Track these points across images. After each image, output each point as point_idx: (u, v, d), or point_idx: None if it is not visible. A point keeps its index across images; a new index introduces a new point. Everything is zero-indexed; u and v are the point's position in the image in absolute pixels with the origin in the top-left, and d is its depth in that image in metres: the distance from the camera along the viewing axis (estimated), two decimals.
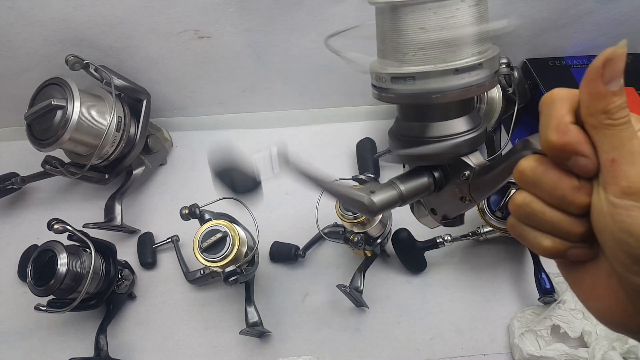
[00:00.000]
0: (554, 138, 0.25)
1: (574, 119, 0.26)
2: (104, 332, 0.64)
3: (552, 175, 0.26)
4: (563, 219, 0.27)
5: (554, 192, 0.27)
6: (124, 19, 0.70)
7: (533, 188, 0.28)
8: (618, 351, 0.56)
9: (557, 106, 0.26)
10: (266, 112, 0.87)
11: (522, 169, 0.28)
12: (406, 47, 0.33)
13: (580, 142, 0.25)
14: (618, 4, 0.73)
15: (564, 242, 0.28)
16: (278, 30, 0.73)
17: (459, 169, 0.35)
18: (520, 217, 0.29)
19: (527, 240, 0.29)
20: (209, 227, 0.59)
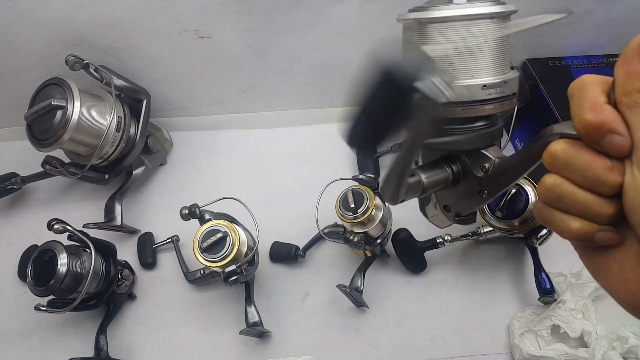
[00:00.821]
0: (590, 117, 0.26)
1: (607, 100, 0.26)
2: (104, 332, 0.64)
3: (585, 155, 0.27)
4: (594, 200, 0.27)
5: (586, 172, 0.27)
6: (124, 19, 0.70)
7: (564, 170, 0.28)
8: (618, 351, 0.56)
9: (589, 88, 0.27)
10: (266, 112, 0.87)
11: (554, 151, 0.28)
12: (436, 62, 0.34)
13: (615, 120, 0.25)
14: (618, 4, 0.73)
15: (592, 225, 0.28)
16: (278, 30, 0.73)
17: (477, 162, 0.36)
18: (549, 199, 0.29)
19: (555, 224, 0.29)
20: (209, 227, 0.59)
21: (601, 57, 0.79)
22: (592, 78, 0.27)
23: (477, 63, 0.34)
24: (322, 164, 0.81)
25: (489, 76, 0.35)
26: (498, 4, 0.35)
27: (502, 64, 0.36)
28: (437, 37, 0.34)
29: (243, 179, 0.81)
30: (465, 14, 0.34)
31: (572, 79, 0.77)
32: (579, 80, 0.27)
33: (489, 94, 0.35)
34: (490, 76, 0.35)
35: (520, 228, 0.63)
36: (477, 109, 0.35)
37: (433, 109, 0.27)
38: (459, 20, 0.34)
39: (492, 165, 0.35)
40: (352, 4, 0.70)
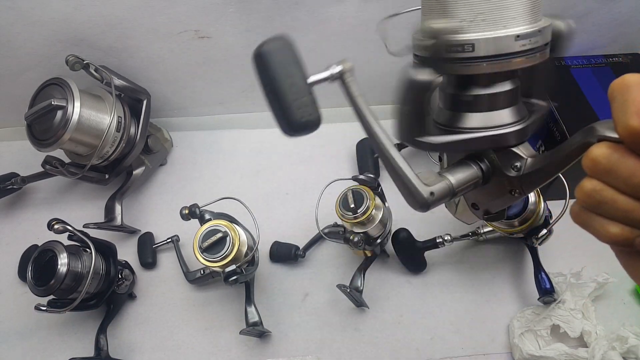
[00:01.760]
0: (636, 123, 0.24)
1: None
2: (104, 332, 0.64)
3: (629, 162, 0.26)
4: (636, 206, 0.27)
5: (630, 179, 0.26)
6: (124, 19, 0.70)
7: (606, 176, 0.27)
8: (618, 351, 0.56)
9: (633, 91, 0.25)
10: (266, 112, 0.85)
11: (595, 157, 0.27)
12: (465, 12, 0.31)
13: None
14: (618, 4, 0.73)
15: (633, 230, 0.27)
16: (278, 31, 0.72)
17: (508, 161, 0.34)
18: (589, 205, 0.28)
19: (593, 228, 0.29)
20: (209, 227, 0.59)
21: (601, 57, 0.79)
22: (635, 79, 0.26)
23: (508, 12, 0.31)
24: (322, 164, 0.81)
25: (522, 25, 0.31)
26: None
27: (535, 9, 0.32)
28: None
29: (243, 179, 0.82)
30: None
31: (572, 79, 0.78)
32: (620, 80, 0.26)
33: (523, 45, 0.31)
34: (524, 25, 0.31)
35: (520, 228, 0.63)
36: (511, 62, 0.31)
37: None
38: None
39: (525, 165, 0.34)
40: (352, 4, 0.70)
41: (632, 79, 0.26)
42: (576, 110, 0.70)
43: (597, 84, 0.75)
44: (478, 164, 0.35)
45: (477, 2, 0.30)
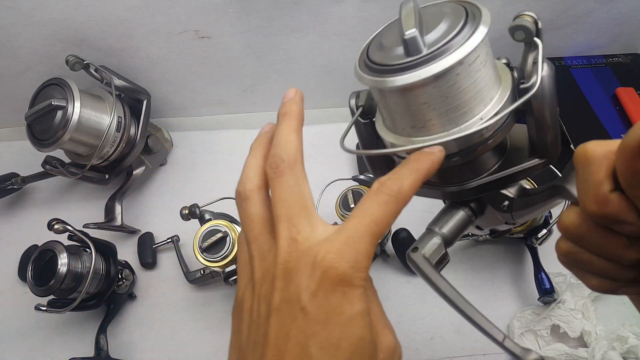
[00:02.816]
0: (594, 209, 0.24)
1: (612, 186, 0.23)
2: (104, 332, 0.64)
3: (597, 234, 0.25)
4: (612, 267, 0.26)
5: (601, 249, 0.26)
6: (124, 20, 0.70)
7: (579, 242, 0.26)
8: (618, 351, 0.56)
9: (593, 171, 0.24)
10: (266, 112, 0.87)
11: (566, 226, 0.26)
12: (414, 121, 0.30)
13: (622, 212, 0.23)
14: (618, 4, 0.73)
15: (613, 283, 0.27)
16: (278, 31, 0.73)
17: (497, 201, 0.34)
18: (566, 262, 0.28)
19: (577, 276, 0.29)
20: (209, 227, 0.59)
21: (601, 57, 0.79)
22: (597, 153, 0.24)
23: (459, 111, 0.29)
24: (322, 164, 0.81)
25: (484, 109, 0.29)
26: (466, 29, 0.28)
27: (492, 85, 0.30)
28: (410, 100, 0.29)
29: None
30: (437, 72, 0.27)
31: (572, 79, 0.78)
32: (582, 152, 0.24)
33: (490, 130, 0.30)
34: (485, 108, 0.29)
35: (520, 228, 0.63)
36: (480, 149, 0.30)
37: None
38: (424, 85, 0.27)
39: (513, 203, 0.33)
40: (352, 4, 0.70)
41: (593, 153, 0.24)
42: (576, 111, 0.70)
43: (597, 84, 0.75)
44: (468, 204, 0.35)
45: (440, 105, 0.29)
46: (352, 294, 0.25)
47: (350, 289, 0.25)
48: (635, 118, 0.70)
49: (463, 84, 0.28)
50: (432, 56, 0.27)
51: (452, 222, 0.34)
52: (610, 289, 0.27)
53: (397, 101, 0.30)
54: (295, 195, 0.28)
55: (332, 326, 0.24)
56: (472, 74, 0.28)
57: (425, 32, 0.27)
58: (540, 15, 0.29)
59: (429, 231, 0.34)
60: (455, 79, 0.27)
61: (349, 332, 0.24)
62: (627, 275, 0.26)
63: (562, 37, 0.78)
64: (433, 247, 0.33)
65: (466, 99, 0.28)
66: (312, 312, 0.24)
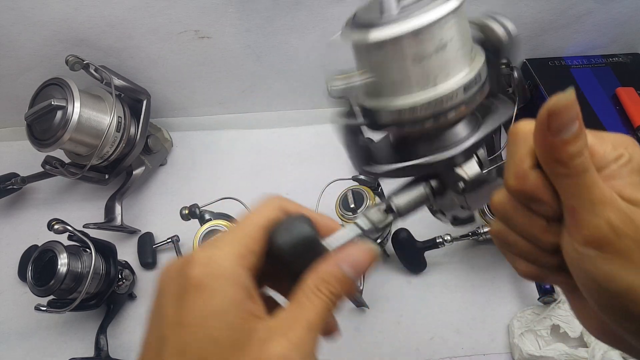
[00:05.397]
0: (512, 183, 0.25)
1: (533, 163, 0.24)
2: (104, 332, 0.64)
3: (520, 214, 0.26)
4: (536, 251, 0.27)
5: (524, 230, 0.26)
6: (124, 20, 0.70)
7: (506, 222, 0.27)
8: (618, 351, 0.56)
9: (518, 146, 0.25)
10: (266, 112, 0.87)
11: (494, 204, 0.27)
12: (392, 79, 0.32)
13: (538, 189, 0.24)
14: (618, 4, 0.73)
15: (539, 269, 0.27)
16: (278, 31, 0.73)
17: (452, 181, 0.34)
18: (497, 243, 0.29)
19: (508, 260, 0.30)
20: (209, 227, 0.59)
21: (601, 57, 0.79)
22: (524, 130, 0.25)
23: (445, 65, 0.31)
24: (322, 164, 0.81)
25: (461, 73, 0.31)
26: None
27: (467, 52, 0.32)
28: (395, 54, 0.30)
29: (243, 179, 0.81)
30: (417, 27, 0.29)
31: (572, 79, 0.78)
32: (514, 129, 0.25)
33: (464, 95, 0.31)
34: (462, 72, 0.31)
35: None
36: (451, 114, 0.31)
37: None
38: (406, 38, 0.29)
39: (467, 184, 0.34)
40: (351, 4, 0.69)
41: (521, 130, 0.25)
42: None
43: (597, 84, 0.75)
44: (429, 183, 0.35)
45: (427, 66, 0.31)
46: None
47: None
48: (635, 118, 0.70)
49: (430, 47, 0.30)
50: (403, 16, 0.29)
51: (407, 197, 0.35)
52: (537, 275, 0.28)
53: (376, 58, 0.32)
54: None
55: None
56: (437, 40, 0.30)
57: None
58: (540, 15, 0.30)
59: (387, 199, 0.35)
60: (425, 38, 0.30)
61: None
62: (550, 261, 0.26)
63: (562, 37, 0.78)
64: (377, 212, 0.34)
65: (439, 62, 0.30)
66: None
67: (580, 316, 0.29)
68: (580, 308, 0.28)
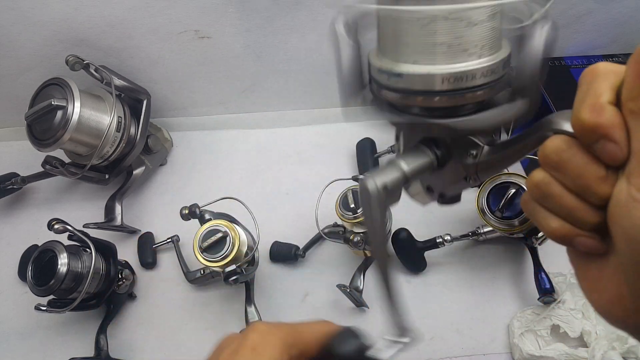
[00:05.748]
0: (586, 116, 0.23)
1: (613, 99, 0.23)
2: (104, 332, 0.64)
3: (579, 161, 0.24)
4: (580, 206, 0.25)
5: (577, 179, 0.25)
6: (124, 20, 0.70)
7: (556, 171, 0.26)
8: (618, 351, 0.56)
9: (597, 82, 0.23)
10: (266, 112, 0.87)
11: (548, 151, 0.26)
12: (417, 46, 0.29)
13: (613, 126, 0.23)
14: (618, 4, 0.73)
15: (573, 228, 0.26)
16: (278, 31, 0.73)
17: (464, 147, 0.33)
18: (535, 195, 0.28)
19: (537, 220, 0.28)
20: (209, 227, 0.59)
21: (601, 58, 0.79)
22: (607, 68, 0.24)
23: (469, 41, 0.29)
24: (322, 164, 0.81)
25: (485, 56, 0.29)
26: None
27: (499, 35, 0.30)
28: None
29: (243, 179, 0.81)
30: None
31: (572, 79, 0.78)
32: (591, 68, 0.24)
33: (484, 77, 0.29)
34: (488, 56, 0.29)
35: (520, 228, 0.63)
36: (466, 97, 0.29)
37: None
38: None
39: (481, 153, 0.32)
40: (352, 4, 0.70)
41: (602, 68, 0.24)
42: None
43: None
44: (433, 149, 0.34)
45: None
46: None
47: None
48: None
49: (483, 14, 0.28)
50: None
51: (416, 163, 0.33)
52: (568, 235, 0.27)
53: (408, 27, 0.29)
54: None
55: None
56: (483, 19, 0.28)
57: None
58: None
59: (394, 164, 0.33)
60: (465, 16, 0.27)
61: None
62: (591, 218, 0.25)
63: (562, 37, 0.78)
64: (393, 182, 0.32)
65: (488, 33, 0.28)
66: None
67: (594, 288, 0.28)
68: (597, 279, 0.27)
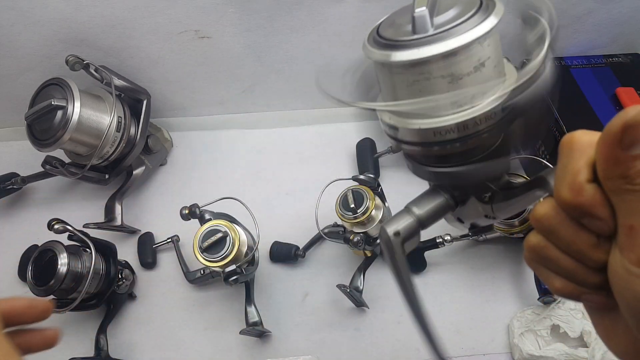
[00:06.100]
0: (567, 196, 0.23)
1: (591, 176, 0.23)
2: (104, 332, 0.64)
3: (568, 228, 0.25)
4: (579, 269, 0.25)
5: (569, 246, 0.25)
6: (124, 19, 0.70)
7: (549, 236, 0.26)
8: None
9: (574, 158, 0.23)
10: (266, 112, 0.87)
11: (538, 216, 0.25)
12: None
13: (595, 205, 0.23)
14: (618, 4, 0.73)
15: (577, 287, 0.26)
16: (278, 31, 0.73)
17: (480, 189, 0.33)
18: (533, 258, 0.28)
19: (541, 277, 0.28)
20: (209, 227, 0.59)
21: (601, 58, 0.79)
22: (582, 141, 0.24)
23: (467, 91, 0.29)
24: (322, 164, 0.81)
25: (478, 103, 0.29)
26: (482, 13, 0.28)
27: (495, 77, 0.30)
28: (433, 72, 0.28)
29: (243, 179, 0.82)
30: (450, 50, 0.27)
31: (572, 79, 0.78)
32: (568, 138, 0.24)
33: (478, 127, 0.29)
34: (481, 101, 0.29)
35: (520, 228, 0.63)
36: (466, 144, 0.29)
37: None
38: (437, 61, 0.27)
39: (495, 196, 0.33)
40: (352, 4, 0.70)
41: (578, 141, 0.24)
42: (576, 111, 0.70)
43: (597, 84, 0.75)
44: (448, 190, 0.34)
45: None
46: None
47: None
48: None
49: (464, 69, 0.28)
50: (437, 37, 0.27)
51: (430, 206, 0.34)
52: (573, 293, 0.27)
53: (402, 78, 0.29)
54: None
55: None
56: (475, 59, 0.28)
57: (436, 14, 0.28)
58: None
59: (407, 210, 0.34)
60: (456, 61, 0.27)
61: None
62: (592, 279, 0.25)
63: (562, 37, 0.78)
64: (408, 228, 0.33)
65: (476, 81, 0.28)
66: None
67: (609, 337, 0.28)
68: (611, 329, 0.27)
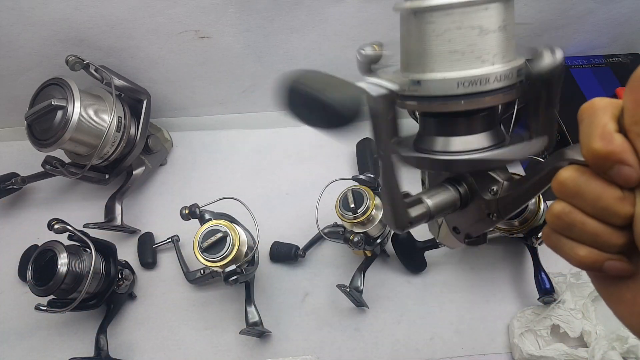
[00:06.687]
0: (599, 146, 0.24)
1: (617, 128, 0.25)
2: (104, 332, 0.64)
3: (594, 185, 0.26)
4: (604, 229, 0.26)
5: (596, 202, 0.26)
6: (124, 20, 0.70)
7: (574, 199, 0.27)
8: (618, 351, 0.56)
9: (599, 114, 0.25)
10: (266, 112, 0.87)
11: (563, 180, 0.27)
12: (433, 55, 0.32)
13: (625, 151, 0.24)
14: (618, 4, 0.73)
15: (601, 253, 0.27)
16: (278, 31, 0.73)
17: (485, 184, 0.34)
18: (558, 227, 0.28)
19: (563, 251, 0.29)
20: (209, 227, 0.59)
21: (601, 57, 0.79)
22: (603, 102, 0.26)
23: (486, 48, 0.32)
24: (322, 164, 0.81)
25: (498, 63, 0.32)
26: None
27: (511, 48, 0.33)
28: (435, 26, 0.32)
29: (243, 179, 0.82)
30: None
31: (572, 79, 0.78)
32: (589, 103, 0.26)
33: (498, 82, 0.32)
34: (501, 63, 0.32)
35: (520, 228, 0.63)
36: (484, 100, 0.32)
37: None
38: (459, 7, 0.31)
39: (501, 188, 0.34)
40: (352, 4, 0.70)
41: (599, 103, 0.26)
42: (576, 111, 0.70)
43: (597, 84, 0.75)
44: (456, 187, 0.36)
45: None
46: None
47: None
48: None
49: (492, 25, 0.31)
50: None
51: (440, 198, 0.35)
52: (597, 260, 0.27)
53: (433, 27, 0.32)
54: None
55: None
56: (501, 19, 0.32)
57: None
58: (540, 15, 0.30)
59: (418, 199, 0.35)
60: (487, 15, 0.31)
61: None
62: (616, 240, 0.26)
63: (562, 37, 0.78)
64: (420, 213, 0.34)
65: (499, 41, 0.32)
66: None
67: (624, 307, 0.28)
68: (627, 298, 0.28)
